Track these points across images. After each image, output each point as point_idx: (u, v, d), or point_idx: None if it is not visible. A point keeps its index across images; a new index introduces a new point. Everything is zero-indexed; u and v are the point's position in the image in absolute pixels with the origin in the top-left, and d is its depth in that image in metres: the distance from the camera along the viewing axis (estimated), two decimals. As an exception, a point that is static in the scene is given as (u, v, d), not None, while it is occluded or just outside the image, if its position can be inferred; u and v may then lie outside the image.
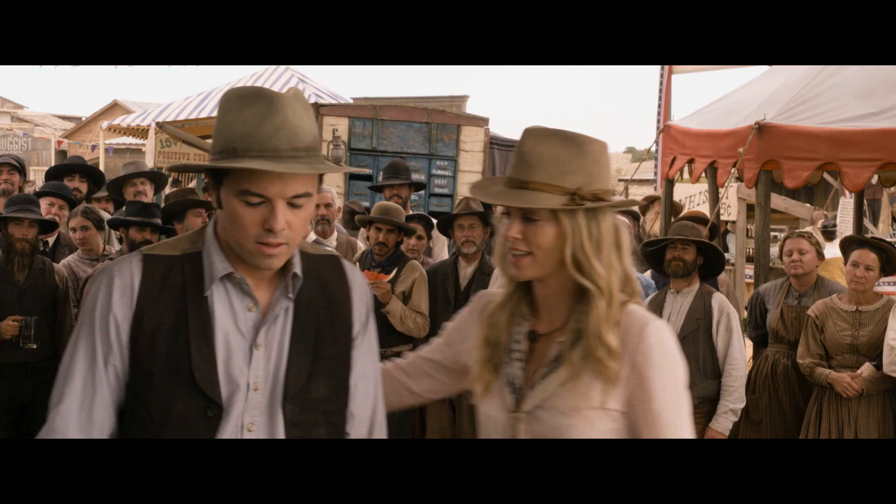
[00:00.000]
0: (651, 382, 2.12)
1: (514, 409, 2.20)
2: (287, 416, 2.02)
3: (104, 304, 2.00)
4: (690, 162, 7.45)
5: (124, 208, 6.15)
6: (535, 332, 2.26)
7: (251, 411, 2.00)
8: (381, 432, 2.20)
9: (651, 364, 2.12)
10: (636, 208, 8.48)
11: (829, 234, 10.78)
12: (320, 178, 2.08)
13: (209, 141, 2.04)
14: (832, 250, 8.85)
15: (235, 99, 1.98)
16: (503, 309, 2.28)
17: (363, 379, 2.16)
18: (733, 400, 5.31)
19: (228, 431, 1.98)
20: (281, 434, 2.01)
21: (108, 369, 1.99)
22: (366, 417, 2.17)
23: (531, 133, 2.19)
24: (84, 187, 7.69)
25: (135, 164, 7.83)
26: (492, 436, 2.24)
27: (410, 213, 7.45)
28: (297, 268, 2.07)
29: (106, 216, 6.71)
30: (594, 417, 2.13)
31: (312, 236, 6.34)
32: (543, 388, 2.17)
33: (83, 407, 1.98)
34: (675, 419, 2.14)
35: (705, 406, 5.35)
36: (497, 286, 2.43)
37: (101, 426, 1.99)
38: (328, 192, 7.00)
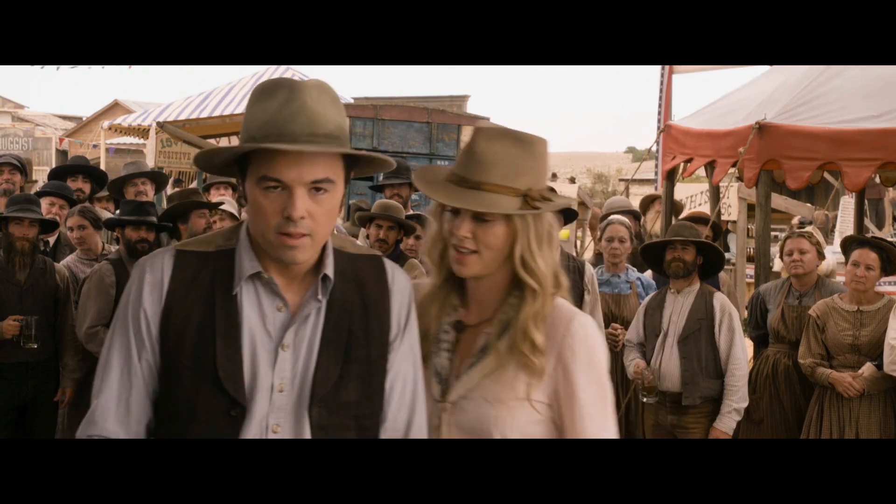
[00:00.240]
0: (576, 375, 2.19)
1: (440, 399, 2.23)
2: (313, 419, 1.98)
3: (135, 300, 2.01)
4: (688, 161, 7.45)
5: (119, 208, 6.16)
6: (461, 323, 2.29)
7: (276, 413, 1.97)
8: (419, 437, 2.14)
9: (576, 358, 2.20)
10: (637, 208, 8.48)
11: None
12: (347, 170, 2.03)
13: (210, 141, 2.06)
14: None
15: (259, 92, 1.99)
16: (433, 300, 2.30)
17: (400, 383, 2.11)
18: (737, 399, 5.31)
19: (252, 432, 1.96)
20: (307, 436, 1.98)
21: (142, 364, 2.00)
22: (402, 422, 2.11)
23: (483, 132, 2.23)
24: (87, 188, 7.69)
25: (136, 163, 7.84)
26: None
27: (410, 212, 7.45)
28: (329, 269, 2.03)
29: (107, 216, 6.71)
30: (518, 408, 2.18)
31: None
32: (469, 378, 2.21)
33: (121, 400, 2.00)
34: (598, 412, 2.21)
35: (708, 406, 5.36)
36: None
37: (138, 418, 2.00)
38: None
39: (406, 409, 2.12)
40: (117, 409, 1.99)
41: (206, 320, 1.97)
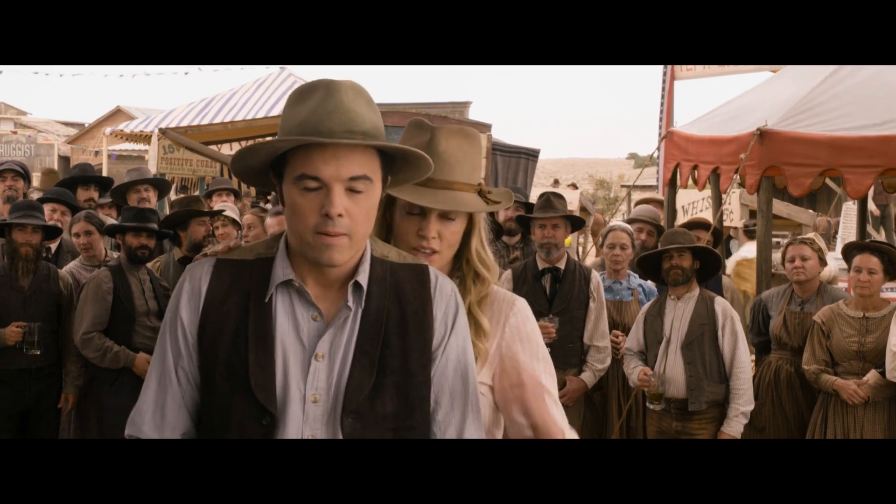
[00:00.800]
0: (520, 354, 2.30)
1: None
2: (346, 431, 1.95)
3: (174, 308, 2.04)
4: (694, 168, 7.45)
5: (120, 214, 6.18)
6: None
7: (312, 424, 1.95)
8: None
9: (521, 337, 2.32)
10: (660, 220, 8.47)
11: (749, 233, 10.37)
12: (385, 171, 2.02)
13: (212, 147, 2.06)
14: (750, 248, 8.78)
15: (296, 95, 2.00)
16: None
17: (446, 394, 2.07)
18: (743, 403, 5.31)
19: None
20: None
21: (178, 372, 2.03)
22: (450, 434, 2.06)
23: (442, 132, 2.30)
24: (97, 196, 7.75)
25: (138, 170, 7.87)
26: None
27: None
28: (362, 276, 2.01)
29: (110, 222, 6.73)
30: None
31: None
32: None
33: (157, 405, 2.03)
34: (545, 384, 2.32)
35: (714, 410, 5.36)
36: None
37: (173, 425, 2.03)
38: None
39: (455, 424, 2.07)
40: (154, 414, 2.03)
41: (240, 328, 1.98)
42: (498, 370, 2.29)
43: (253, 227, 6.48)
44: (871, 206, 13.12)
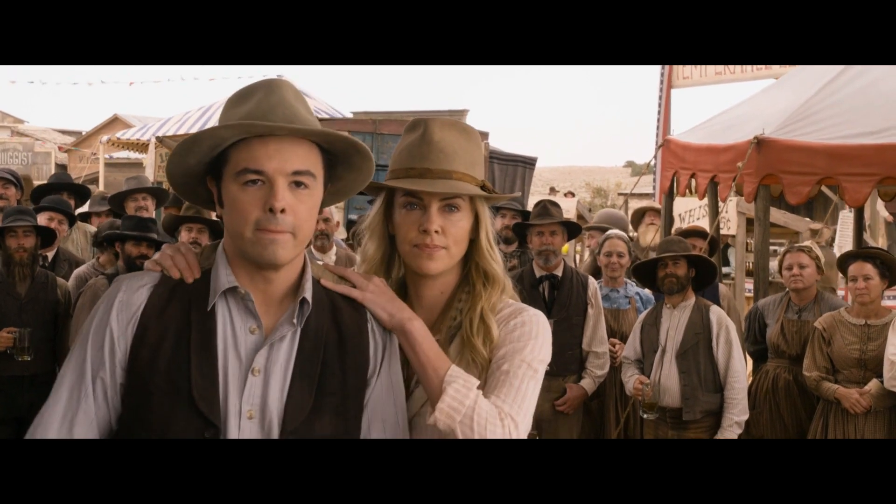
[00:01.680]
0: (524, 342, 2.14)
1: None
2: None
3: (101, 319, 1.93)
4: (692, 177, 7.46)
5: (120, 223, 6.16)
6: None
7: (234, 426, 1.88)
8: None
9: (525, 330, 2.16)
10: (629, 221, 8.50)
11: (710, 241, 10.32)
12: (327, 168, 1.99)
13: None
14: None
15: (236, 97, 1.97)
16: None
17: (378, 421, 2.02)
18: (738, 412, 5.30)
19: None
20: None
21: (95, 385, 1.91)
22: None
23: (435, 124, 2.20)
24: (72, 203, 7.71)
25: (137, 178, 7.86)
26: None
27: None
28: (308, 293, 1.96)
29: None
30: None
31: (338, 238, 6.32)
32: (420, 392, 2.14)
33: (65, 419, 1.90)
34: (535, 358, 2.14)
35: (709, 420, 5.35)
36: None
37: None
38: (330, 208, 6.98)
39: None
40: (60, 427, 1.90)
41: (181, 338, 1.89)
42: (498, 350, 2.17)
43: None
44: (885, 213, 13.11)
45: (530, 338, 2.16)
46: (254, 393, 1.89)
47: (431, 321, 2.22)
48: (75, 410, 1.91)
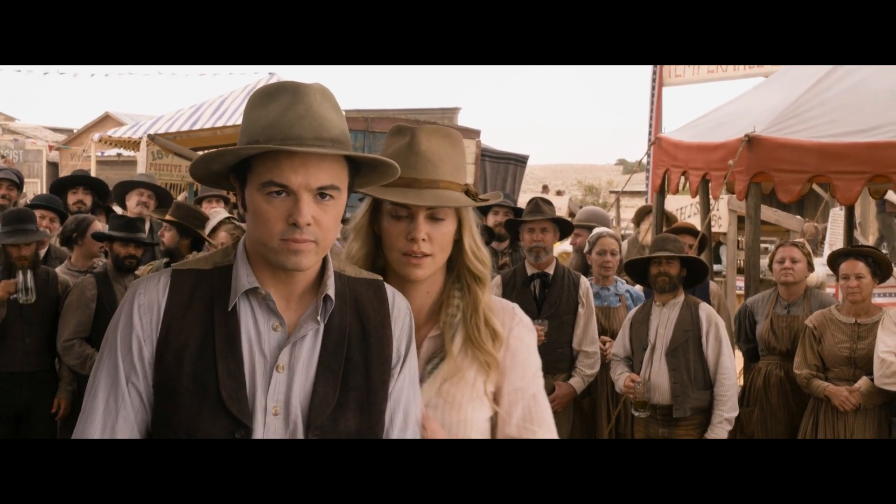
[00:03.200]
0: (527, 365, 2.27)
1: None
2: None
3: (126, 323, 1.92)
4: (683, 174, 7.47)
5: (108, 222, 6.16)
6: None
7: (273, 437, 1.89)
8: None
9: (524, 346, 2.28)
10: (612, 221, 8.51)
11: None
12: (351, 178, 1.98)
13: (201, 153, 2.04)
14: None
15: (260, 95, 1.93)
16: None
17: (401, 413, 2.03)
18: (727, 409, 5.32)
19: None
20: None
21: (129, 389, 1.90)
22: None
23: (422, 132, 2.24)
24: (88, 199, 7.71)
25: (149, 175, 7.87)
26: None
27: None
28: (331, 289, 1.96)
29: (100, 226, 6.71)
30: (479, 407, 2.21)
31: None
32: (428, 387, 2.19)
33: (106, 427, 1.89)
34: (544, 400, 2.28)
35: (699, 417, 5.37)
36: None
37: None
38: None
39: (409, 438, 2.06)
40: (101, 436, 1.89)
41: (206, 339, 1.89)
42: (506, 371, 2.24)
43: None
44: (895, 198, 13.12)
45: (530, 354, 2.30)
46: (278, 389, 1.90)
47: (421, 320, 2.26)
48: (115, 418, 1.90)
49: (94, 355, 5.52)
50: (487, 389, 2.22)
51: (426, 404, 2.17)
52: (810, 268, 6.16)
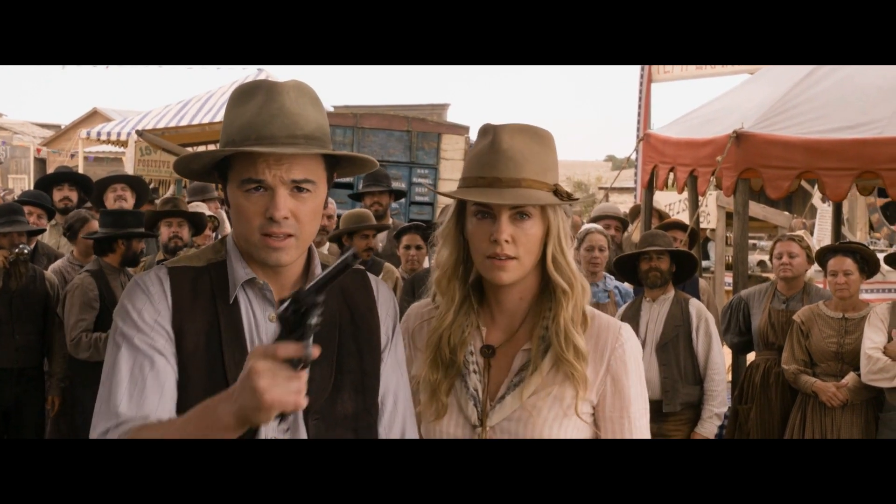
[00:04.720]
0: (628, 389, 2.18)
1: (478, 425, 2.16)
2: (311, 432, 1.96)
3: (143, 310, 1.93)
4: (671, 170, 7.48)
5: (99, 218, 6.14)
6: (490, 348, 2.22)
7: (273, 423, 1.86)
8: None
9: (628, 370, 2.18)
10: (626, 217, 8.53)
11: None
12: (330, 170, 2.01)
13: (189, 149, 2.05)
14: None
15: (238, 95, 1.99)
16: (450, 324, 2.21)
17: (391, 396, 2.11)
18: (717, 404, 5.34)
19: None
20: None
21: (156, 360, 1.89)
22: (395, 435, 2.10)
23: (505, 129, 2.16)
24: (74, 196, 7.67)
25: (116, 171, 7.83)
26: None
27: (389, 221, 7.46)
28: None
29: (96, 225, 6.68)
30: (568, 424, 2.15)
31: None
32: (512, 400, 2.15)
33: (133, 396, 1.87)
34: (645, 425, 2.24)
35: (688, 412, 5.39)
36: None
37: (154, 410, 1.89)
38: (332, 203, 7.02)
39: (399, 423, 2.12)
40: (129, 404, 1.86)
41: (212, 330, 1.95)
42: (607, 396, 2.17)
43: None
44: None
45: (633, 384, 2.20)
46: None
47: (514, 327, 2.22)
48: (142, 387, 1.88)
49: (104, 335, 5.44)
50: (580, 409, 2.15)
51: (508, 418, 2.14)
52: (810, 261, 6.18)
